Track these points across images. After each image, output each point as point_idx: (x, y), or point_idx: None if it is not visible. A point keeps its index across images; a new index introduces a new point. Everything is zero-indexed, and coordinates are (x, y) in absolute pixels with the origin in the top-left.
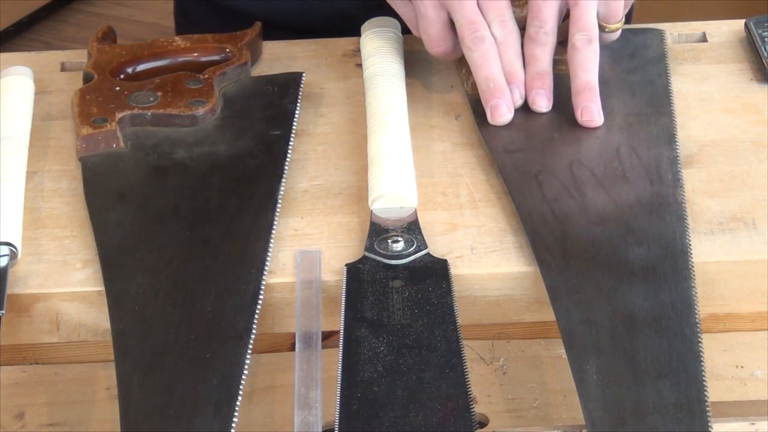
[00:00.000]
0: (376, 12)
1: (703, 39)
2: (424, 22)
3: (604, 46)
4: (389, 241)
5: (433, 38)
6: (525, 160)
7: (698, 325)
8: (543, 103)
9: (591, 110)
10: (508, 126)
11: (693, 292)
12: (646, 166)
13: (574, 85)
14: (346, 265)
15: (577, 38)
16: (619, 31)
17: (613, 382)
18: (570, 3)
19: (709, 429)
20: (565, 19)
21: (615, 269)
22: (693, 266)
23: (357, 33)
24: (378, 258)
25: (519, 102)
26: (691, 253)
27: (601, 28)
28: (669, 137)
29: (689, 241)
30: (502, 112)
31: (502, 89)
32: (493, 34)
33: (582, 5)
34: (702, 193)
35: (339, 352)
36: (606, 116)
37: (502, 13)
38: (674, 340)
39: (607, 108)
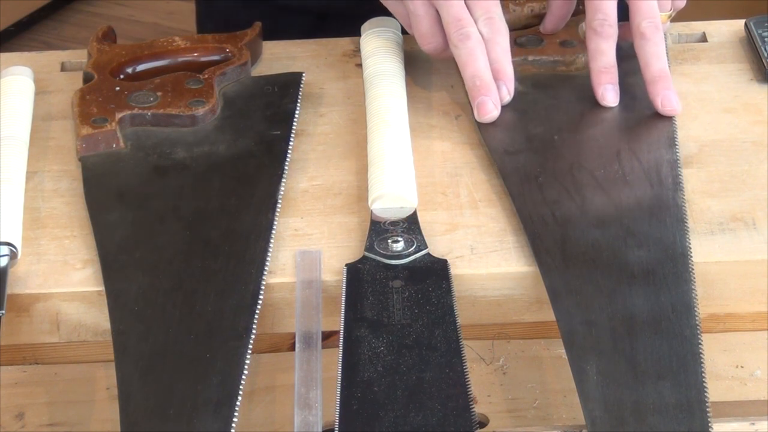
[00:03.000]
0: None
1: (703, 39)
2: (414, 19)
3: None
4: (389, 241)
5: (423, 35)
6: (525, 162)
7: (698, 327)
8: (612, 97)
9: (670, 99)
10: (508, 127)
11: (693, 295)
12: (646, 169)
13: (649, 73)
14: (346, 265)
15: (644, 26)
16: (668, 24)
17: (614, 382)
18: None
19: (709, 429)
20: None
21: (615, 272)
22: (693, 269)
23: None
24: (378, 258)
25: (507, 99)
26: (692, 257)
27: None
28: (669, 140)
29: (689, 244)
30: (488, 109)
31: (488, 86)
32: (480, 32)
33: None
34: (702, 193)
35: (339, 352)
36: (606, 119)
37: (488, 10)
38: (674, 342)
39: (607, 110)
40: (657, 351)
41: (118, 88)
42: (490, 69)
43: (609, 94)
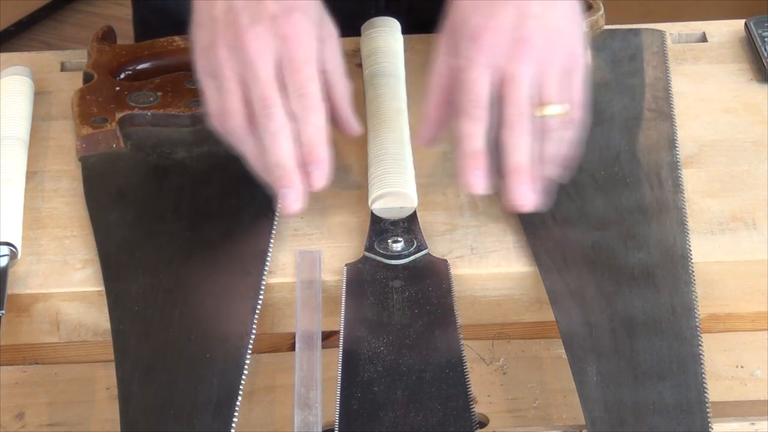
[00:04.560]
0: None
1: (703, 39)
2: (222, 94)
3: (606, 48)
4: (389, 241)
5: (227, 111)
6: None
7: (698, 328)
8: (481, 185)
9: (523, 194)
10: None
11: (693, 297)
12: (646, 171)
13: (506, 164)
14: (346, 265)
15: (509, 113)
16: (558, 118)
17: (614, 383)
18: (504, 79)
19: (709, 429)
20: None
21: (615, 273)
22: (693, 271)
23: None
24: (378, 258)
25: (321, 183)
26: (692, 258)
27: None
28: (669, 142)
29: (689, 246)
30: (289, 202)
31: (289, 177)
32: (291, 109)
33: (514, 81)
34: (702, 193)
35: (339, 352)
36: (606, 120)
37: (301, 85)
38: (674, 343)
39: (607, 112)
40: (657, 352)
41: (118, 88)
42: (302, 152)
43: (478, 181)
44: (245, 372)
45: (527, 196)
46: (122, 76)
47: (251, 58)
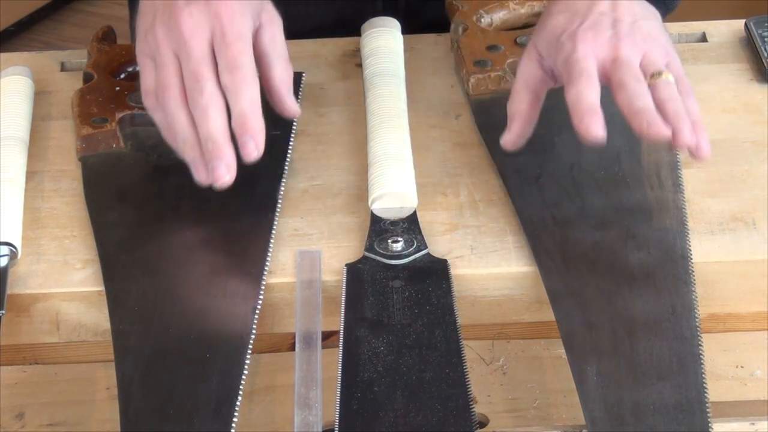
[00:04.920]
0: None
1: (703, 39)
2: (158, 70)
3: None
4: (389, 241)
5: (162, 85)
6: (525, 163)
7: (698, 328)
8: (598, 128)
9: (658, 125)
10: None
11: (693, 296)
12: (647, 170)
13: (629, 111)
14: (346, 265)
15: (620, 76)
16: (672, 85)
17: (614, 383)
18: (610, 60)
19: (709, 429)
20: None
21: (615, 273)
22: (693, 271)
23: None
24: (378, 258)
25: (255, 154)
26: (692, 258)
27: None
28: (669, 142)
29: (689, 246)
30: (219, 175)
31: (220, 149)
32: (222, 83)
33: (620, 59)
34: (702, 193)
35: (339, 352)
36: (607, 120)
37: (234, 59)
38: (674, 343)
39: (607, 112)
40: (657, 352)
41: (118, 88)
42: (235, 124)
43: (596, 126)
44: (245, 372)
45: (659, 126)
46: (122, 76)
47: (185, 36)
